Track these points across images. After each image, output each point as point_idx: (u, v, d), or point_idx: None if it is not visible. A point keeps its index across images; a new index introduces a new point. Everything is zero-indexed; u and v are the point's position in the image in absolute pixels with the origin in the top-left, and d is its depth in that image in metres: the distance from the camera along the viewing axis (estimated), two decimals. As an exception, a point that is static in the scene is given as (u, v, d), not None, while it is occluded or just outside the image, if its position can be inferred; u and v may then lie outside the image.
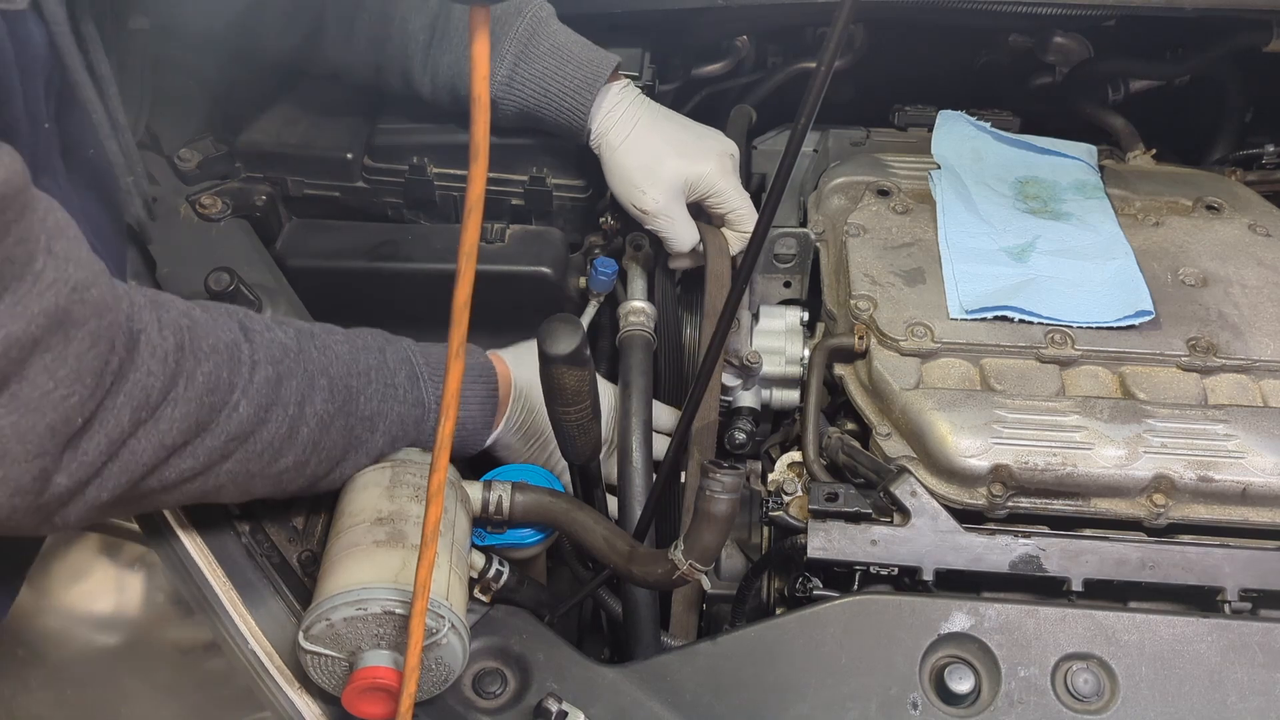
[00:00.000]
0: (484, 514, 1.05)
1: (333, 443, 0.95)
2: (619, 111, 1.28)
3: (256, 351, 0.89)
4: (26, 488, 0.74)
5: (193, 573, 0.98)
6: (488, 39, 0.61)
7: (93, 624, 1.04)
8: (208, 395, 0.83)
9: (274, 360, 0.90)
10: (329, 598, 0.88)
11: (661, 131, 1.29)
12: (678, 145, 1.29)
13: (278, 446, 0.90)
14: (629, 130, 1.28)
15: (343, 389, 0.95)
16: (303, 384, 0.92)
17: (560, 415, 1.05)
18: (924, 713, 0.96)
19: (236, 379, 0.86)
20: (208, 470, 0.86)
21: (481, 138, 0.64)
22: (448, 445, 0.76)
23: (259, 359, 0.89)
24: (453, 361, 0.72)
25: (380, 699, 0.88)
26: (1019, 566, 1.04)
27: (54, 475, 0.75)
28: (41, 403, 0.72)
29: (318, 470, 0.96)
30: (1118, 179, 1.43)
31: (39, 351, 0.71)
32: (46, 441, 0.73)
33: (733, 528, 0.97)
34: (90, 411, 0.75)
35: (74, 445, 0.76)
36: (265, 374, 0.88)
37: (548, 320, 1.00)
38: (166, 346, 0.81)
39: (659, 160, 1.27)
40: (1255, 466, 1.06)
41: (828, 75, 0.77)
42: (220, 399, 0.85)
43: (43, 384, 0.72)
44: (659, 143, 1.28)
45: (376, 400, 0.98)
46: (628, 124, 1.28)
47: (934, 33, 1.66)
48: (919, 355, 1.18)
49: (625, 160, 1.28)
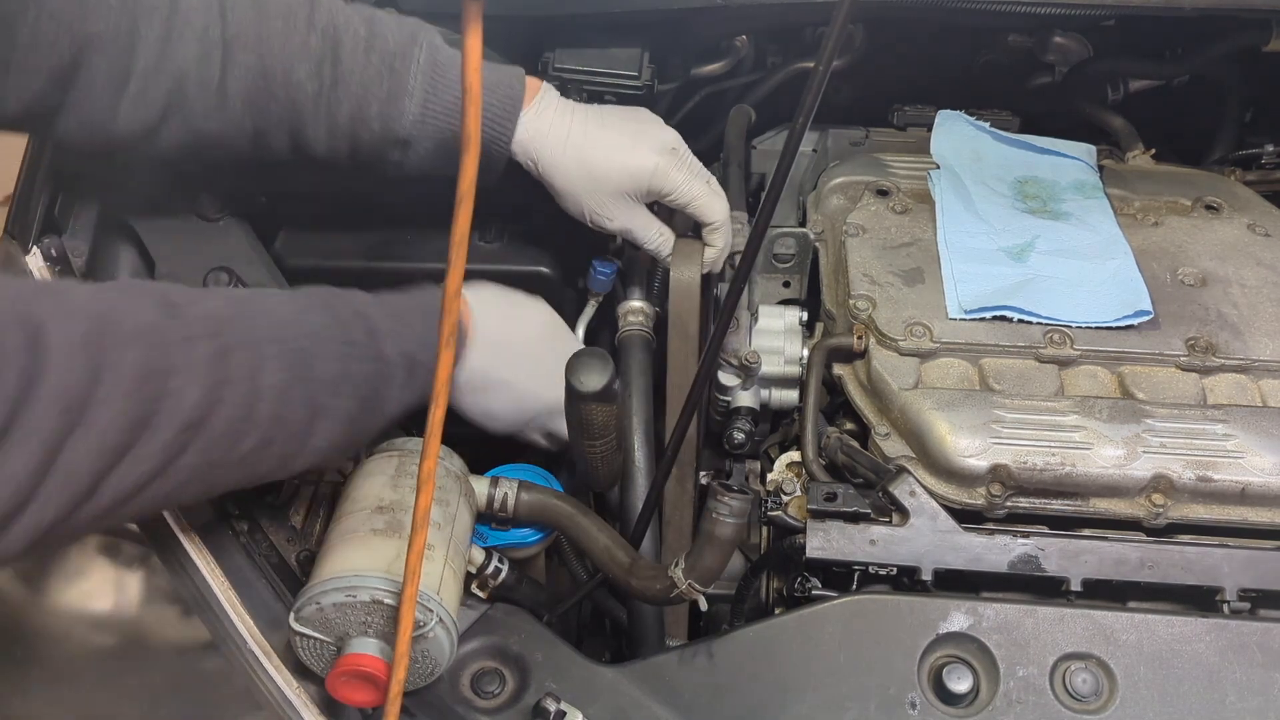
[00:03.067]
0: (489, 510, 1.05)
1: (296, 415, 0.86)
2: (544, 129, 1.13)
3: (190, 327, 0.80)
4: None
5: (191, 573, 0.98)
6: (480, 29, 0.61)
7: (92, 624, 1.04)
8: (142, 384, 0.74)
9: (211, 333, 0.81)
10: (321, 582, 0.90)
11: (594, 141, 1.14)
12: (612, 152, 1.14)
13: (237, 429, 0.81)
14: (560, 149, 1.14)
15: (294, 353, 0.86)
16: (250, 355, 0.83)
17: (586, 448, 1.05)
18: (923, 712, 0.96)
19: (173, 361, 0.77)
20: (164, 470, 0.77)
21: (473, 127, 0.64)
22: (438, 432, 0.75)
23: (194, 334, 0.79)
24: (443, 350, 0.72)
25: (364, 686, 0.89)
26: (1018, 566, 1.04)
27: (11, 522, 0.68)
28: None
29: (286, 448, 0.87)
30: (1117, 179, 1.43)
31: None
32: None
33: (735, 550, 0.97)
34: (4, 425, 0.67)
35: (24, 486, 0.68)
36: (204, 350, 0.79)
37: (576, 355, 0.99)
38: (75, 337, 0.71)
39: (597, 177, 1.14)
40: (1254, 466, 1.06)
41: (826, 75, 0.77)
42: (157, 387, 0.75)
43: None
44: (593, 155, 1.14)
45: (334, 361, 0.89)
46: (557, 142, 1.13)
47: (933, 33, 1.66)
48: (918, 355, 1.18)
49: (565, 184, 1.15)
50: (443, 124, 1.10)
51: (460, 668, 1.00)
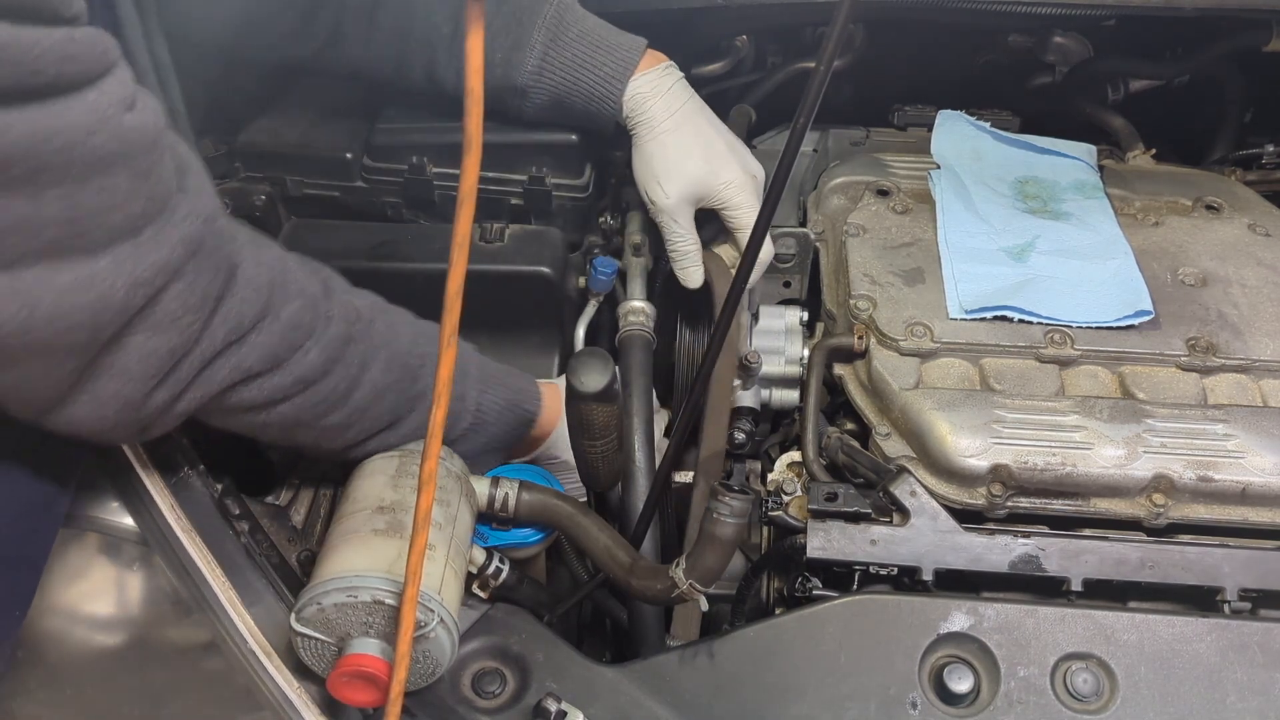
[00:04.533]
0: (490, 510, 1.06)
1: (379, 413, 0.99)
2: (657, 97, 1.25)
3: (333, 307, 0.93)
4: (135, 403, 0.81)
5: (192, 573, 0.98)
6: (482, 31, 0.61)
7: (92, 624, 1.04)
8: (290, 332, 0.89)
9: (348, 320, 0.95)
10: (322, 582, 0.90)
11: (697, 129, 1.26)
12: (708, 148, 1.26)
13: (332, 402, 0.94)
14: (664, 119, 1.25)
15: (400, 366, 0.99)
16: (366, 350, 0.96)
17: (586, 448, 1.05)
18: (923, 712, 0.96)
19: (315, 326, 0.91)
20: (267, 407, 0.91)
21: (475, 130, 0.64)
22: (439, 433, 0.76)
23: (334, 314, 0.93)
24: (444, 350, 0.73)
25: (365, 687, 0.89)
26: (1018, 566, 1.04)
27: (155, 392, 0.81)
28: (170, 326, 0.78)
29: (355, 436, 1.00)
30: (1117, 179, 1.43)
31: (176, 278, 0.77)
32: (166, 363, 0.80)
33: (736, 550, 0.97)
34: (198, 334, 0.81)
35: (175, 367, 0.82)
36: (338, 330, 0.93)
37: (577, 355, 0.99)
38: (260, 280, 0.86)
39: (686, 157, 1.24)
40: (1255, 466, 1.06)
41: (827, 75, 0.77)
42: (299, 339, 0.90)
43: (174, 309, 0.78)
44: (691, 140, 1.25)
45: (425, 385, 1.01)
46: (664, 112, 1.25)
47: (934, 32, 1.66)
48: (918, 355, 1.18)
49: (654, 149, 1.25)
50: (558, 79, 1.24)
51: (461, 668, 1.00)
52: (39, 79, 0.65)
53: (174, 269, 0.77)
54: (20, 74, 0.64)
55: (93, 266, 0.72)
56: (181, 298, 0.78)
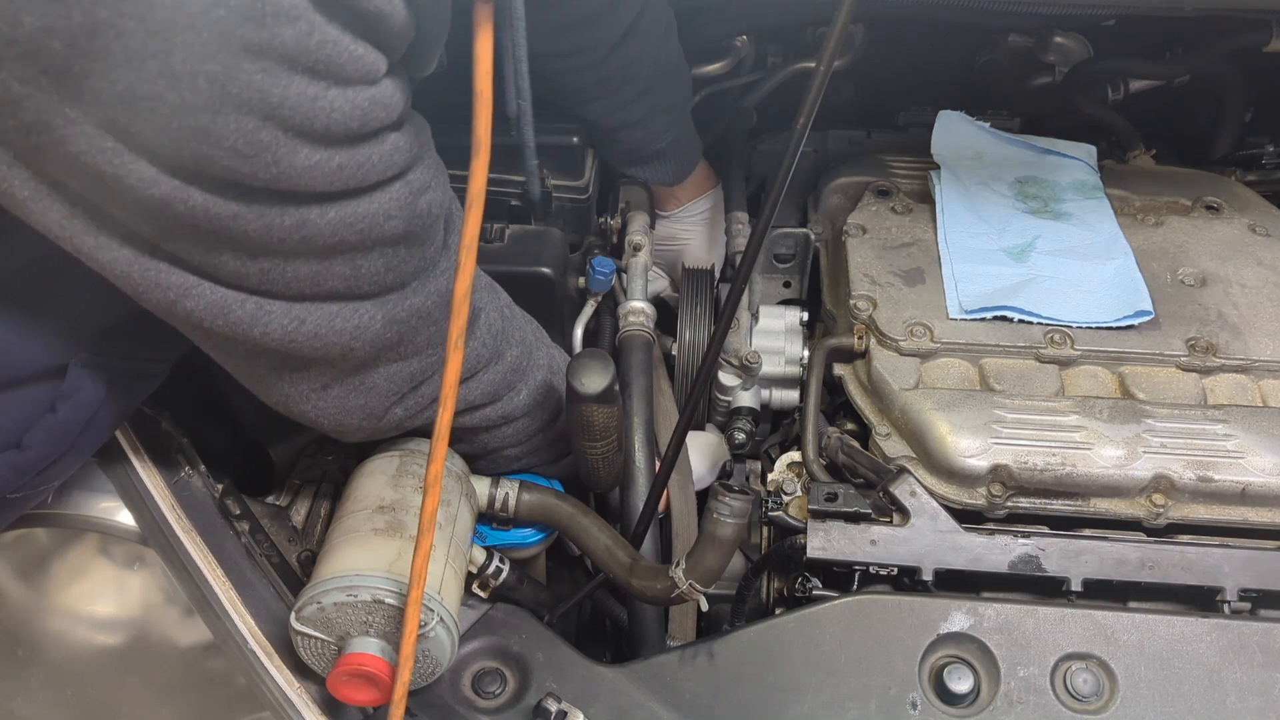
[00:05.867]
0: (490, 510, 1.06)
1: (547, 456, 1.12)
2: None
3: (541, 356, 1.07)
4: (377, 414, 0.93)
5: (192, 573, 0.98)
6: (490, 35, 0.62)
7: (93, 624, 1.04)
8: (509, 374, 1.02)
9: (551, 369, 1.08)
10: (322, 581, 0.90)
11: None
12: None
13: (520, 439, 1.07)
14: None
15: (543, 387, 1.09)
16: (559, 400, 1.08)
17: (586, 449, 1.05)
18: (923, 712, 0.96)
19: (527, 371, 1.04)
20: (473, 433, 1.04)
21: (484, 132, 0.64)
22: (445, 436, 0.77)
23: (541, 363, 1.07)
24: (451, 353, 0.73)
25: (365, 686, 0.89)
26: (1018, 566, 1.04)
27: (393, 408, 0.93)
28: (414, 356, 0.90)
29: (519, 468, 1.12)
30: (1118, 179, 1.43)
31: (428, 321, 0.88)
32: (405, 385, 0.92)
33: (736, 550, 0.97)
34: (438, 366, 0.92)
35: (416, 389, 0.93)
36: (543, 377, 1.06)
37: (577, 357, 0.99)
38: (495, 328, 0.99)
39: None
40: (1255, 466, 1.06)
41: (827, 75, 0.77)
42: (514, 381, 1.02)
43: (420, 343, 0.89)
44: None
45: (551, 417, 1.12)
46: None
47: (934, 32, 1.66)
48: (918, 355, 1.18)
49: None
50: None
51: (461, 668, 1.00)
52: (364, 183, 0.74)
53: (426, 312, 0.87)
54: (349, 181, 0.72)
55: (359, 305, 0.82)
56: (429, 335, 0.89)
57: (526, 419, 1.06)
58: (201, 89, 0.62)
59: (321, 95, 0.66)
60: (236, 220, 0.71)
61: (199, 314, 0.77)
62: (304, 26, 0.63)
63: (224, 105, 0.63)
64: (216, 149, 0.65)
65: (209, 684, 1.01)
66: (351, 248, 0.77)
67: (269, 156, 0.67)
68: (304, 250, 0.75)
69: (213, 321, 0.78)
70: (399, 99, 0.72)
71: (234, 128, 0.64)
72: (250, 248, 0.74)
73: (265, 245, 0.74)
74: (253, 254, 0.74)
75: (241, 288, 0.77)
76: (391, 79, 0.71)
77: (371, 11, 0.65)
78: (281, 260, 0.75)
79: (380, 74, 0.69)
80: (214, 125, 0.64)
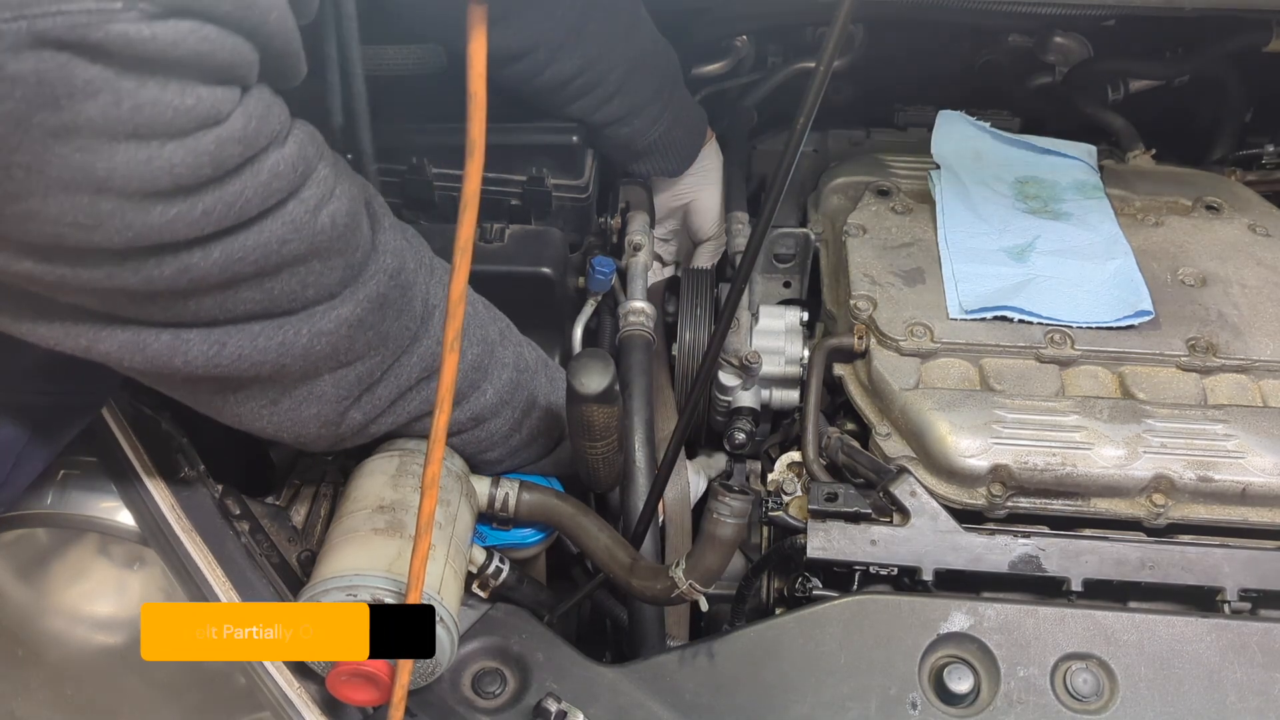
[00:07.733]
0: (490, 510, 1.06)
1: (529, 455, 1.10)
2: None
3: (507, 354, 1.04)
4: (333, 421, 0.92)
5: (192, 573, 0.98)
6: (484, 35, 0.62)
7: (93, 624, 1.04)
8: (471, 372, 0.99)
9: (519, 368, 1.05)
10: (322, 581, 0.90)
11: None
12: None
13: (496, 440, 1.05)
14: None
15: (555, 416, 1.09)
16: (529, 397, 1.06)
17: (586, 449, 1.05)
18: (923, 712, 0.96)
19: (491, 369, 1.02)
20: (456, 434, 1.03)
21: (478, 134, 0.64)
22: (442, 437, 0.77)
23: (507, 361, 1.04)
24: (447, 354, 0.73)
25: (364, 686, 0.89)
26: (1018, 566, 1.04)
27: (350, 411, 0.92)
28: (356, 361, 0.88)
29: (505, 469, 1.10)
30: (1118, 179, 1.43)
31: (362, 327, 0.86)
32: (355, 388, 0.90)
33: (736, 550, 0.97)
34: (387, 367, 0.91)
35: (370, 391, 0.92)
36: (510, 376, 1.04)
37: (577, 357, 0.99)
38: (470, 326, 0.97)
39: None
40: (1255, 466, 1.06)
41: (827, 75, 0.77)
42: (478, 380, 1.00)
43: (360, 349, 0.87)
44: None
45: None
46: None
47: (934, 32, 1.66)
48: (918, 355, 1.18)
49: None
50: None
51: (461, 667, 1.00)
52: (245, 217, 0.71)
53: (358, 320, 0.84)
54: (223, 221, 0.70)
55: (283, 321, 0.80)
56: (366, 339, 0.87)
57: (497, 419, 1.04)
58: (19, 178, 0.61)
59: (156, 155, 0.63)
60: (113, 279, 0.69)
61: (116, 354, 0.76)
62: (108, 98, 0.60)
63: (49, 189, 0.62)
64: (58, 226, 0.64)
65: (209, 684, 1.01)
66: (253, 276, 0.75)
67: (117, 223, 0.65)
68: (199, 289, 0.73)
69: (132, 359, 0.76)
70: (265, 125, 0.69)
71: (68, 206, 0.63)
72: (141, 296, 0.72)
73: (155, 292, 0.72)
74: (149, 298, 0.72)
75: (151, 324, 0.75)
76: (247, 108, 0.68)
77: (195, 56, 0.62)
78: (181, 298, 0.73)
79: (227, 111, 0.66)
80: (46, 208, 0.63)
